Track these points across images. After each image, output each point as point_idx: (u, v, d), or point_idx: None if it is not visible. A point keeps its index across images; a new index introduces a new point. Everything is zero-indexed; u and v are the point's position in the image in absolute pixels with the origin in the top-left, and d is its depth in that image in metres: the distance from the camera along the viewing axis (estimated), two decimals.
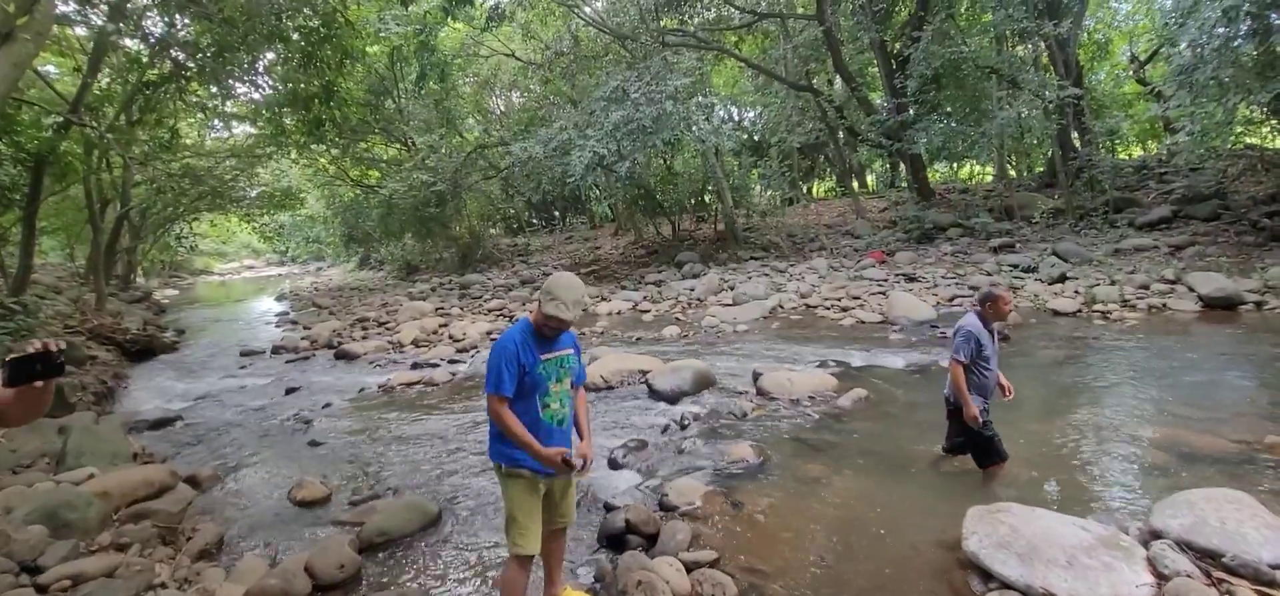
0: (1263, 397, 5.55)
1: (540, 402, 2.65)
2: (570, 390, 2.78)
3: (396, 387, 7.97)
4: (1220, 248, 11.05)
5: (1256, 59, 10.16)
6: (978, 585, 2.93)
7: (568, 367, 2.75)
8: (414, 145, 22.07)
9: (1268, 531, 2.83)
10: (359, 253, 31.53)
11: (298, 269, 42.14)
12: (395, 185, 19.55)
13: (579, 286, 2.63)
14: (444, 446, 5.66)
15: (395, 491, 4.72)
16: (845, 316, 10.46)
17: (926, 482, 4.26)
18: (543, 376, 2.63)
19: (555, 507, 2.85)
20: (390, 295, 18.89)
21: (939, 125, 15.14)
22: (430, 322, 12.62)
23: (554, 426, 2.69)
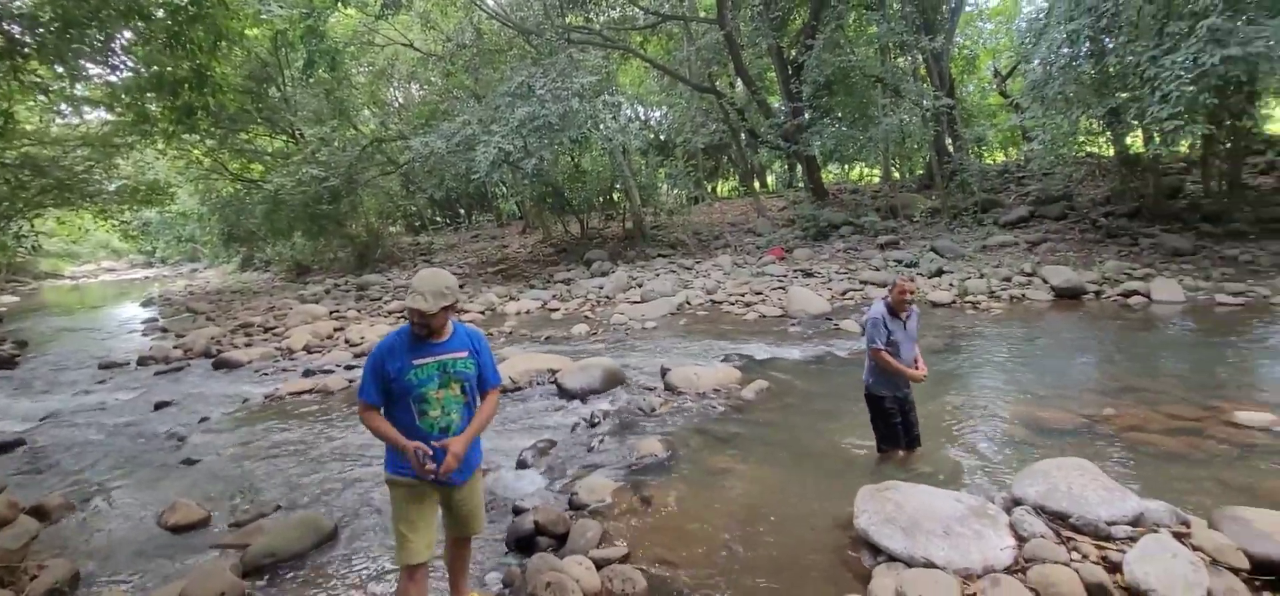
0: (1101, 375, 6.33)
1: (416, 410, 2.52)
2: (463, 395, 2.60)
3: (285, 397, 7.43)
4: (1068, 244, 12.47)
5: (1094, 77, 11.55)
6: (868, 559, 3.14)
7: (456, 372, 2.57)
8: (303, 137, 20.62)
9: (1105, 493, 3.23)
10: (240, 253, 29.03)
11: (168, 271, 38.24)
12: (282, 179, 18.18)
13: (442, 279, 2.52)
14: (341, 457, 5.34)
15: (285, 508, 4.40)
16: (748, 311, 10.86)
17: (823, 466, 4.52)
18: (414, 382, 2.48)
19: (456, 517, 2.73)
20: (278, 298, 17.57)
21: (831, 129, 16.05)
22: (324, 326, 11.85)
23: (437, 435, 2.53)
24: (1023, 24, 15.73)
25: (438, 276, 2.51)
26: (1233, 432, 4.57)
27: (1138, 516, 3.09)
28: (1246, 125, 11.55)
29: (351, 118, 22.48)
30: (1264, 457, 4.17)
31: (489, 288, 15.48)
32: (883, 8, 15.84)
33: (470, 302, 13.90)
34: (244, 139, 22.00)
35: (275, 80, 21.23)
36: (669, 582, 3.17)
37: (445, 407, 2.56)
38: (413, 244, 25.40)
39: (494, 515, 4.04)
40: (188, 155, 21.98)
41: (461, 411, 2.60)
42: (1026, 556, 2.93)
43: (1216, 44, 8.70)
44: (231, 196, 22.61)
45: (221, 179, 23.34)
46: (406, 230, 29.55)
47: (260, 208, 20.41)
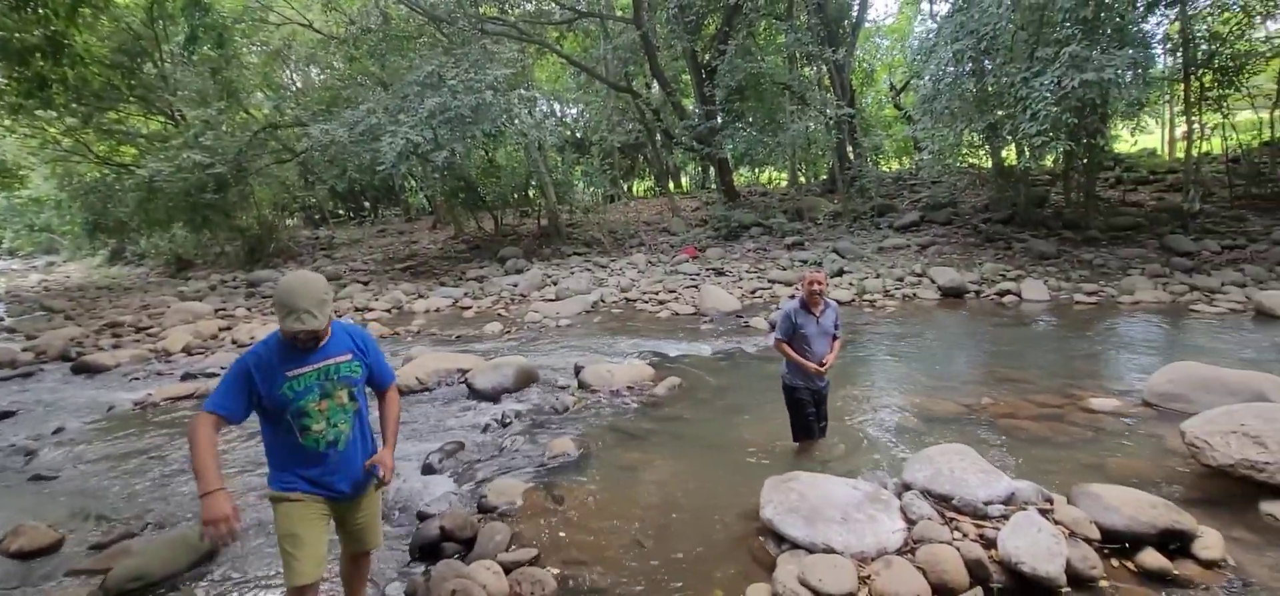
0: (980, 368, 6.91)
1: (296, 427, 2.27)
2: (351, 401, 2.38)
3: (160, 403, 6.77)
4: (953, 247, 13.51)
5: (975, 94, 12.59)
6: (773, 548, 3.25)
7: (341, 377, 2.34)
8: (184, 119, 18.86)
9: (982, 475, 3.52)
10: (108, 246, 26.15)
11: (18, 264, 33.90)
12: (159, 165, 16.52)
13: (315, 285, 2.22)
14: (224, 468, 4.91)
15: (157, 526, 4.00)
16: (662, 309, 11.01)
17: (733, 460, 4.64)
18: (290, 397, 2.24)
19: (350, 531, 2.55)
20: (154, 295, 15.98)
21: (743, 133, 16.55)
22: (208, 326, 10.91)
23: (323, 450, 2.32)
24: (915, 42, 16.91)
25: (310, 284, 2.22)
26: (1087, 417, 5.12)
27: (1010, 496, 3.38)
28: (1100, 143, 12.96)
29: (242, 100, 20.78)
30: (1112, 439, 4.70)
31: (396, 285, 14.80)
32: (791, 18, 16.52)
33: (375, 300, 13.24)
34: (113, 119, 19.86)
35: (151, 55, 19.30)
36: (580, 581, 3.15)
37: (331, 419, 2.33)
38: (312, 238, 23.85)
39: (401, 522, 3.87)
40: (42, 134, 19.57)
41: (351, 420, 2.39)
42: (915, 538, 3.13)
43: (1076, 69, 9.70)
44: (97, 182, 20.33)
45: (85, 162, 20.95)
46: (305, 223, 27.72)
47: (133, 195, 18.45)
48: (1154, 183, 15.49)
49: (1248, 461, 3.57)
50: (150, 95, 19.89)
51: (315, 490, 2.34)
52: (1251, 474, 3.55)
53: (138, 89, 19.46)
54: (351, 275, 16.81)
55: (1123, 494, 3.31)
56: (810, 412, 4.38)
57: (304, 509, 2.33)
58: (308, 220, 27.92)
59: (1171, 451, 4.29)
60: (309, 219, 27.96)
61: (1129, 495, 3.29)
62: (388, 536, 3.73)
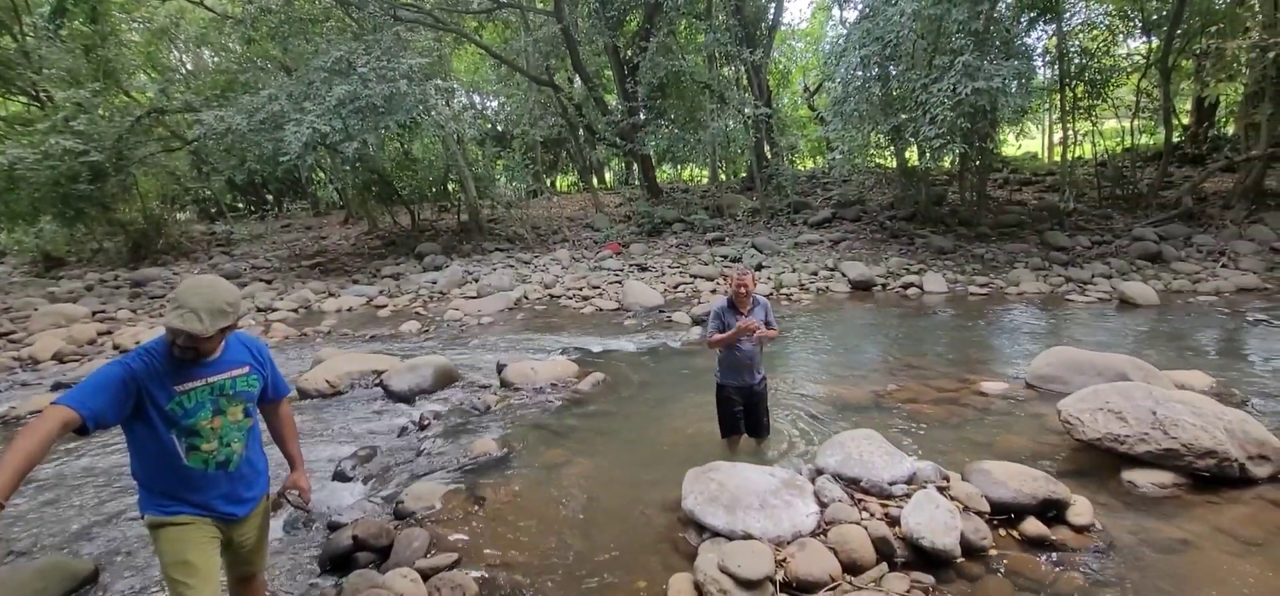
0: (886, 356, 7.33)
1: (183, 445, 2.07)
2: (246, 417, 2.22)
3: (26, 417, 6.07)
4: (862, 242, 14.26)
5: (881, 98, 13.34)
6: (695, 538, 3.32)
7: (237, 393, 2.16)
8: (51, 101, 16.93)
9: (887, 458, 3.75)
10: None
11: None
12: (21, 150, 14.72)
13: (221, 292, 2.03)
14: (102, 486, 4.49)
15: (21, 554, 3.60)
16: (586, 305, 10.98)
17: (656, 453, 4.70)
18: (180, 413, 2.03)
19: (238, 554, 2.36)
20: (18, 296, 14.28)
21: (664, 130, 16.74)
22: (83, 330, 9.89)
23: (213, 472, 2.13)
24: (826, 46, 17.69)
25: (215, 288, 2.03)
26: (979, 400, 5.55)
27: (912, 476, 3.62)
28: (990, 147, 14.05)
29: (121, 82, 18.89)
30: (1000, 418, 5.12)
31: (304, 283, 13.96)
32: (710, 18, 16.85)
33: (281, 299, 12.44)
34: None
35: (9, 28, 17.21)
36: (502, 583, 3.10)
37: (224, 438, 2.14)
38: (207, 233, 22.05)
39: (303, 534, 3.66)
40: None
41: (244, 438, 2.22)
42: (827, 520, 3.30)
43: (969, 77, 10.46)
44: None
45: None
46: (199, 217, 25.60)
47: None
48: (1036, 183, 16.98)
49: (1112, 435, 3.98)
50: (9, 73, 17.70)
51: (202, 513, 2.14)
52: (1115, 446, 3.97)
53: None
54: (254, 273, 15.71)
55: (1008, 469, 3.61)
56: (738, 410, 4.39)
57: (192, 532, 2.12)
58: (202, 214, 25.79)
59: (1050, 428, 4.72)
60: (204, 213, 25.83)
61: (1014, 470, 3.60)
62: (295, 549, 3.53)
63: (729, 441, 4.52)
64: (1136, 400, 4.08)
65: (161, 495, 2.10)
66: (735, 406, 4.40)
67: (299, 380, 6.61)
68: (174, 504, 2.10)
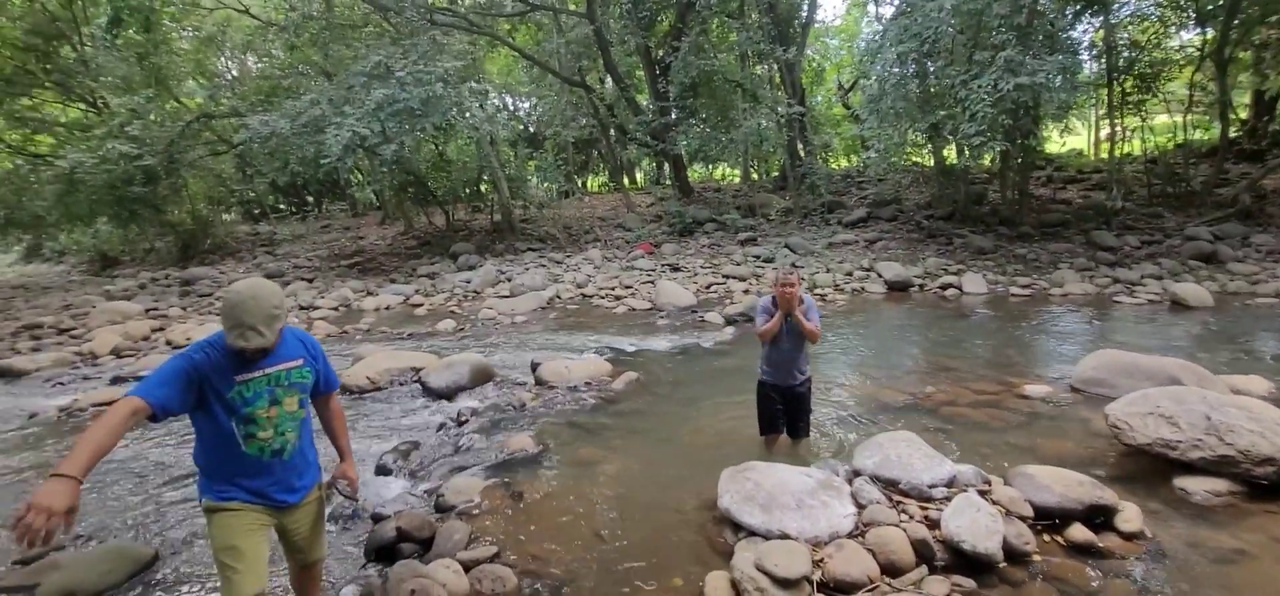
0: (924, 358, 7.20)
1: (241, 433, 2.16)
2: (299, 408, 2.31)
3: (87, 409, 6.39)
4: (898, 242, 14.01)
5: (919, 95, 13.08)
6: (731, 536, 3.33)
7: (291, 384, 2.25)
8: (107, 107, 17.74)
9: (927, 460, 3.69)
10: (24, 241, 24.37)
11: None
12: (80, 155, 15.48)
13: (267, 295, 2.09)
14: (161, 475, 4.70)
15: (89, 538, 3.80)
16: (618, 305, 11.03)
17: (690, 452, 4.71)
18: (240, 402, 2.14)
19: (295, 544, 2.45)
20: (77, 294, 15.02)
21: (696, 130, 16.70)
22: (138, 327, 10.34)
23: (268, 459, 2.23)
24: (862, 43, 17.42)
25: (260, 296, 2.07)
26: (1021, 403, 5.42)
27: (952, 479, 3.56)
28: (1032, 144, 13.66)
29: (172, 88, 19.69)
30: (1043, 422, 4.99)
31: (343, 282, 14.35)
32: (743, 17, 16.75)
33: (321, 298, 12.80)
34: (26, 106, 18.51)
35: (69, 39, 18.08)
36: (540, 576, 3.16)
37: (279, 427, 2.23)
38: (251, 233, 22.82)
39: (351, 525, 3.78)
40: None
41: (298, 428, 2.31)
42: (865, 521, 3.27)
43: (1011, 73, 10.19)
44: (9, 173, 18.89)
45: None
46: (244, 218, 26.51)
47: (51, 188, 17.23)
48: (1081, 181, 16.44)
49: (1162, 440, 3.85)
50: (69, 81, 18.62)
51: (255, 500, 2.24)
52: (1166, 452, 3.84)
53: (54, 74, 18.20)
54: (295, 272, 16.20)
55: (1053, 473, 3.53)
56: (777, 408, 4.42)
57: (243, 519, 2.21)
58: (247, 215, 26.70)
59: (1096, 433, 4.59)
60: (248, 214, 26.75)
61: (1059, 474, 3.51)
62: (341, 540, 3.65)
63: (767, 440, 4.53)
64: (1189, 404, 3.94)
65: (220, 480, 2.20)
66: (775, 405, 4.43)
67: (342, 377, 6.80)
68: (230, 489, 2.20)
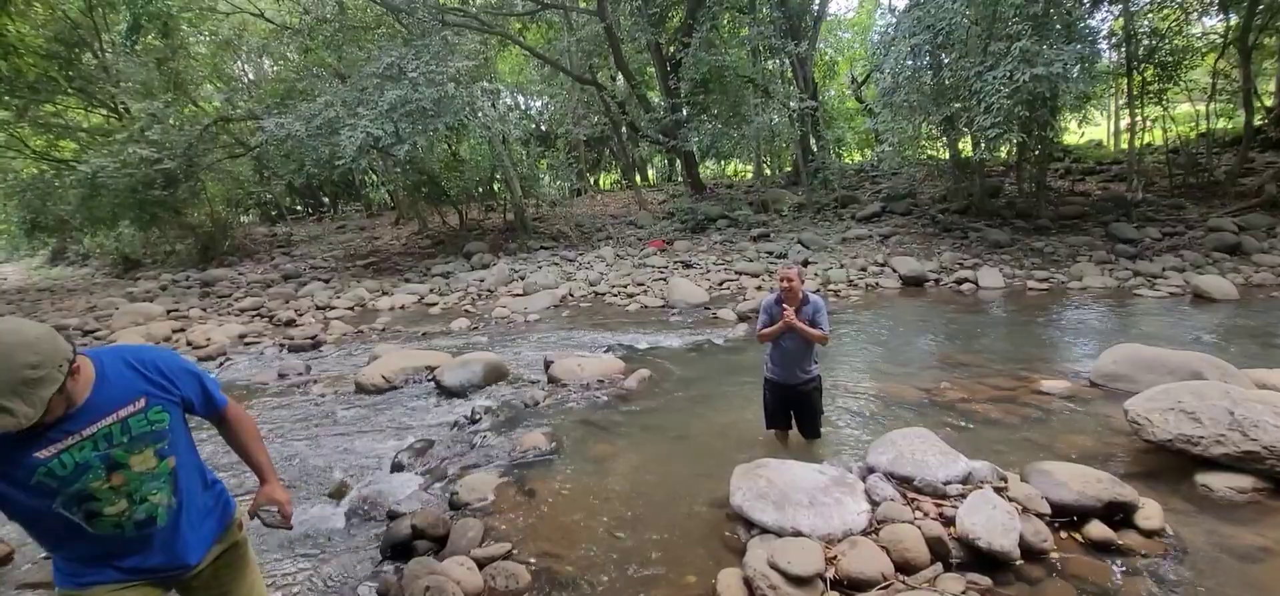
0: (939, 353, 7.13)
1: (79, 516, 1.57)
2: (161, 461, 1.68)
3: None
4: (913, 237, 13.88)
5: (933, 88, 12.94)
6: (743, 533, 3.32)
7: (135, 437, 1.62)
8: (128, 112, 18.05)
9: (942, 457, 3.66)
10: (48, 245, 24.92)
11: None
12: (102, 160, 15.78)
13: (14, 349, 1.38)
14: None
15: None
16: (631, 302, 11.04)
17: (703, 449, 4.71)
18: (55, 485, 1.52)
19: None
20: (101, 296, 15.33)
21: (708, 126, 16.65)
22: (160, 328, 10.52)
23: (132, 534, 1.66)
24: (875, 36, 17.25)
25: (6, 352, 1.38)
26: (1038, 398, 5.35)
27: (967, 475, 3.52)
28: (1049, 135, 13.46)
29: (190, 92, 19.99)
30: (1061, 418, 4.92)
31: (359, 282, 14.50)
32: (754, 11, 16.66)
33: (338, 298, 12.95)
34: (50, 112, 18.89)
35: (91, 45, 18.40)
36: (554, 573, 3.17)
37: (137, 492, 1.64)
38: (269, 234, 23.14)
39: (363, 524, 3.82)
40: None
41: (167, 484, 1.71)
42: (879, 518, 3.24)
43: (1027, 64, 10.05)
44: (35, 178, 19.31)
45: (21, 158, 19.89)
46: (261, 219, 26.88)
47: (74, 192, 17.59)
48: (1100, 173, 16.18)
49: (1184, 436, 3.79)
50: (91, 87, 18.97)
51: (134, 578, 1.70)
52: (1188, 447, 3.77)
53: (77, 80, 18.53)
54: (312, 273, 16.39)
55: (1071, 470, 3.48)
56: (780, 405, 4.43)
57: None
58: (264, 216, 27.07)
59: (1116, 429, 4.52)
60: (265, 215, 27.12)
61: (1077, 471, 3.46)
62: (357, 537, 3.69)
63: (775, 434, 4.54)
64: (1212, 400, 3.86)
65: (77, 562, 1.65)
66: (778, 401, 4.43)
67: (357, 376, 6.89)
68: (93, 570, 1.65)
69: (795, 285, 4.15)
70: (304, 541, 3.67)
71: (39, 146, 19.62)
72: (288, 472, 4.65)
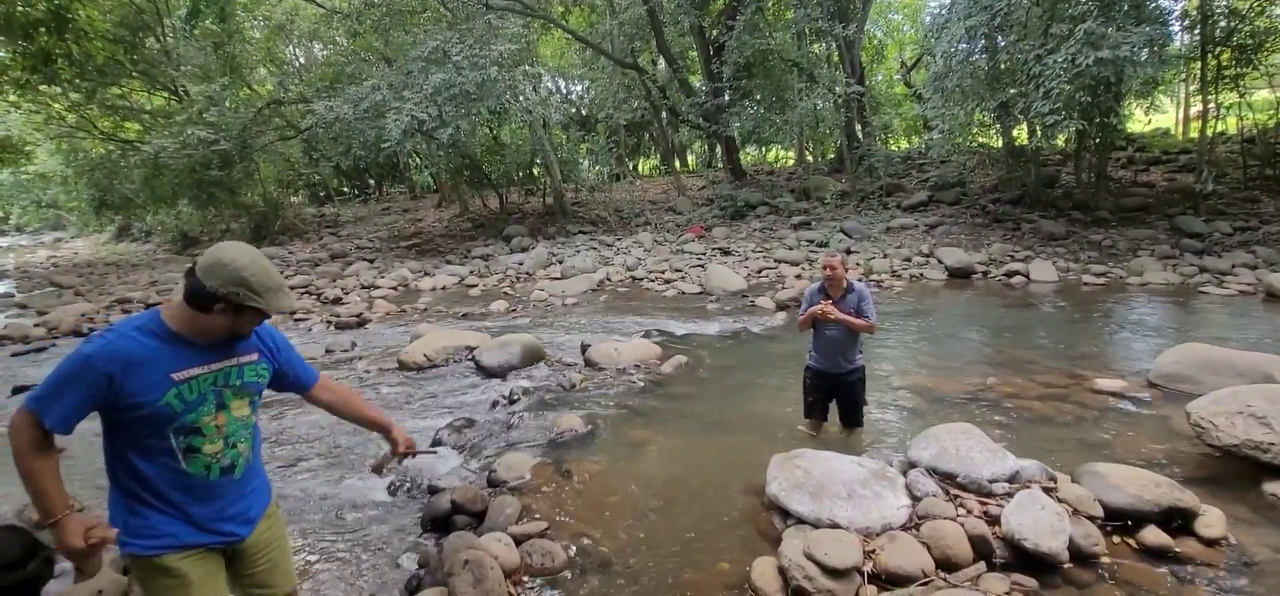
0: (986, 348, 6.90)
1: (180, 447, 1.67)
2: (252, 414, 1.84)
3: None
4: (961, 227, 13.44)
5: (987, 72, 12.43)
6: (779, 523, 3.29)
7: (244, 385, 1.79)
8: (187, 95, 18.81)
9: (987, 454, 3.55)
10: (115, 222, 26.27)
11: (26, 240, 34.12)
12: (163, 141, 16.51)
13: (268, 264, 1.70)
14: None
15: None
16: (668, 288, 11.01)
17: (739, 437, 4.67)
18: (176, 409, 1.64)
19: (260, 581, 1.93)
20: (161, 272, 16.10)
21: (750, 111, 16.38)
22: None
23: (213, 479, 1.74)
24: (928, 18, 16.65)
25: (253, 250, 1.71)
26: (1092, 397, 5.13)
27: (1014, 474, 3.41)
28: (1112, 122, 12.80)
29: (245, 76, 20.71)
30: (1116, 419, 4.71)
31: (402, 263, 14.85)
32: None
33: (382, 278, 13.29)
34: (116, 94, 19.83)
35: (153, 29, 19.21)
36: (588, 553, 3.21)
37: (229, 438, 1.76)
38: (317, 215, 23.89)
39: (406, 498, 3.92)
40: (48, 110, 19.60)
41: (249, 438, 1.84)
42: (919, 514, 3.17)
43: (1091, 46, 9.55)
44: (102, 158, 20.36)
45: (90, 138, 20.97)
46: (310, 200, 27.75)
47: (138, 172, 18.51)
48: (1166, 163, 15.34)
49: (1252, 441, 3.58)
50: (153, 70, 19.83)
51: (205, 537, 1.75)
52: (1256, 454, 3.56)
53: (140, 64, 19.40)
54: (358, 253, 16.86)
55: (1126, 473, 3.33)
56: (821, 394, 4.37)
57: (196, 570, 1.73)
58: (313, 198, 27.95)
59: (1176, 432, 4.30)
60: (313, 196, 27.99)
61: (1132, 474, 3.31)
62: (399, 509, 3.80)
63: (811, 424, 4.47)
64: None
65: (148, 515, 1.69)
66: (820, 391, 4.37)
67: (400, 353, 7.06)
68: (166, 526, 1.70)
69: (839, 273, 4.06)
70: (349, 511, 3.80)
71: (106, 128, 20.62)
72: (334, 444, 4.81)
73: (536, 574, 3.05)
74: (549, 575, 3.05)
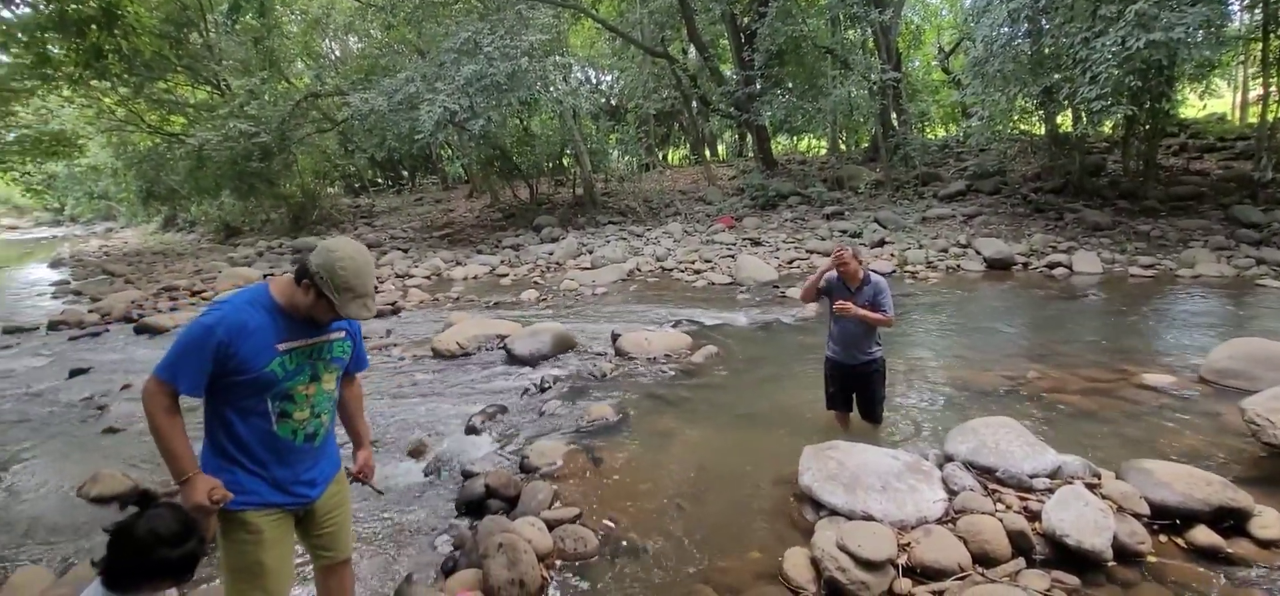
0: (1026, 341, 6.72)
1: (274, 411, 1.85)
2: (335, 387, 2.03)
3: None
4: (1000, 217, 13.07)
5: (1031, 56, 12.02)
6: (811, 514, 3.27)
7: (333, 359, 1.98)
8: (229, 88, 19.36)
9: (1027, 449, 3.46)
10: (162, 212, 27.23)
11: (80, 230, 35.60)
12: (207, 134, 17.04)
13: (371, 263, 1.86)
14: None
15: None
16: (698, 278, 10.97)
17: (769, 428, 4.64)
18: (278, 376, 1.82)
19: (319, 542, 2.10)
20: (205, 260, 16.65)
21: (782, 99, 16.15)
22: None
23: (298, 444, 1.92)
24: (968, 1, 16.16)
25: (370, 262, 1.87)
26: (1139, 393, 4.95)
27: (1056, 469, 3.31)
28: (1164, 108, 12.28)
29: (283, 69, 21.21)
30: (1164, 415, 4.54)
31: (435, 252, 15.09)
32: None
33: (415, 267, 13.52)
34: (162, 88, 20.50)
35: (197, 25, 19.78)
36: (620, 540, 3.23)
37: (315, 406, 1.94)
38: (352, 206, 24.40)
39: (442, 482, 4.00)
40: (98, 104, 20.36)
41: (331, 409, 2.03)
42: (956, 508, 3.11)
43: (1143, 28, 9.16)
44: (150, 150, 21.10)
45: (138, 131, 21.73)
46: (345, 191, 28.35)
47: (183, 164, 19.14)
48: (1222, 150, 14.65)
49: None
50: (197, 65, 20.43)
51: (282, 497, 1.92)
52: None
53: (185, 58, 20.00)
54: (392, 242, 17.18)
55: (1175, 470, 3.22)
56: (839, 385, 4.25)
57: (268, 526, 1.88)
58: (348, 188, 28.54)
59: (1229, 429, 4.13)
60: (349, 187, 28.58)
61: (1182, 471, 3.20)
62: (435, 493, 3.88)
63: (837, 417, 4.39)
64: None
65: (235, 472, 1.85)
66: (836, 381, 4.26)
67: (433, 341, 7.19)
68: (252, 483, 1.86)
69: (851, 265, 3.95)
70: (387, 493, 3.89)
71: (153, 121, 21.34)
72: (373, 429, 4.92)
73: (569, 558, 3.08)
74: (581, 560, 3.08)
